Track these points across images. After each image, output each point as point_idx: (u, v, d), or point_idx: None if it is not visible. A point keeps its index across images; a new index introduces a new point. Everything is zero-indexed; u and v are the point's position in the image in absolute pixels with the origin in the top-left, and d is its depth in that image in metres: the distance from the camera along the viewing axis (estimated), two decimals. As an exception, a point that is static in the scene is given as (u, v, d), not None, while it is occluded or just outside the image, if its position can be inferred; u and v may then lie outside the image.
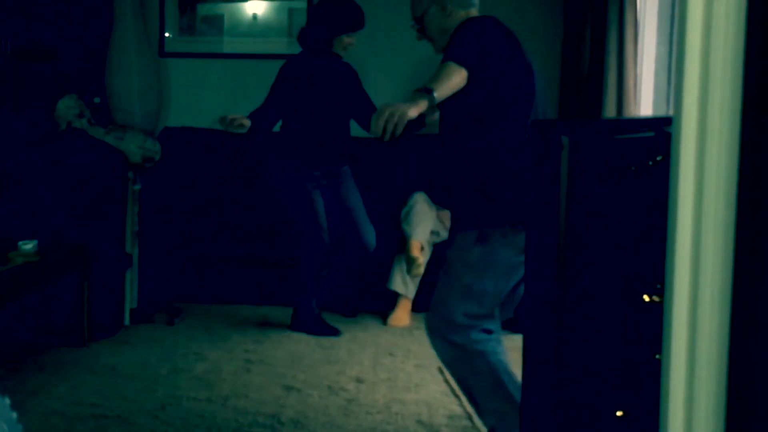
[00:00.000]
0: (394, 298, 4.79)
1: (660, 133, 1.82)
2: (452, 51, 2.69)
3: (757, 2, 1.35)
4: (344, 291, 4.96)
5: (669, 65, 4.18)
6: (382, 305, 4.83)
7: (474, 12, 3.01)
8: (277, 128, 4.55)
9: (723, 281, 1.42)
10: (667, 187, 1.46)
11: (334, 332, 4.52)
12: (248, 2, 5.61)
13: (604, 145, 1.97)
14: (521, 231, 2.57)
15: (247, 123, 4.14)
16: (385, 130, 2.43)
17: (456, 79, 2.63)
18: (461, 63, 2.65)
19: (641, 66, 4.28)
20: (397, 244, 4.80)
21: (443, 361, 2.83)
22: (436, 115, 3.18)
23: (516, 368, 2.49)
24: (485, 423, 2.85)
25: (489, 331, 2.74)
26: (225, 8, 5.65)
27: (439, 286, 2.78)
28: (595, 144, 1.97)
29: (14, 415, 1.83)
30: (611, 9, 4.15)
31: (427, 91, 2.54)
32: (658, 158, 1.74)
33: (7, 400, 1.82)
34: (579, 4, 4.60)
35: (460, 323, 2.70)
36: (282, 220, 4.96)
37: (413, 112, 2.49)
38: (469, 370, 2.75)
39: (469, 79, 2.67)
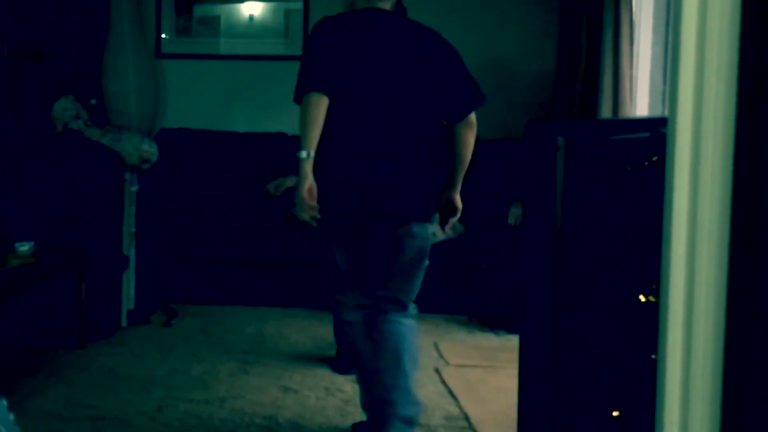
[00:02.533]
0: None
1: (655, 133, 1.83)
2: (297, 84, 2.85)
3: (752, 2, 1.35)
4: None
5: (664, 65, 4.19)
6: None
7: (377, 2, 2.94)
8: None
9: (718, 281, 1.42)
10: (663, 187, 1.47)
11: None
12: (244, 3, 5.61)
13: (599, 146, 1.98)
14: None
15: None
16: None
17: (311, 116, 2.76)
18: (309, 92, 2.78)
19: (637, 66, 4.28)
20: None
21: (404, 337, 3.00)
22: None
23: (513, 368, 2.49)
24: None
25: None
26: (221, 9, 5.65)
27: (414, 272, 2.96)
28: (591, 144, 1.98)
29: (11, 416, 1.83)
30: (607, 9, 4.16)
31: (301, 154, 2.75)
32: (654, 159, 1.75)
33: (5, 402, 1.82)
34: (575, 4, 4.61)
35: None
36: (277, 220, 4.96)
37: (303, 192, 2.73)
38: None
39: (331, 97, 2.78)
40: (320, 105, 2.76)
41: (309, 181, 2.75)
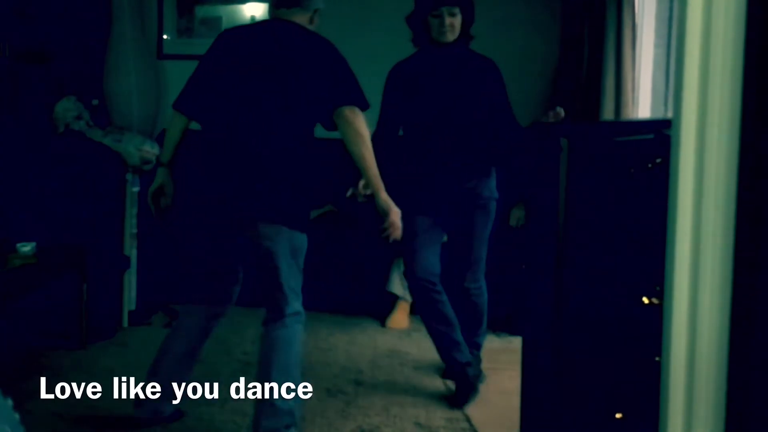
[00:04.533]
0: (392, 301, 4.79)
1: (659, 135, 1.82)
2: None
3: (757, 5, 1.35)
4: (342, 292, 4.97)
5: (667, 68, 4.18)
6: (381, 307, 4.83)
7: (273, 13, 3.14)
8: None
9: (722, 283, 1.42)
10: (667, 189, 1.46)
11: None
12: (246, 4, 5.61)
13: (603, 148, 1.98)
14: None
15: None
16: None
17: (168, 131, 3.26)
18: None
19: (639, 68, 4.28)
20: (396, 247, 4.80)
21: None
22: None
23: (515, 369, 2.49)
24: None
25: None
26: (223, 10, 5.65)
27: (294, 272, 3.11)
28: (594, 146, 1.98)
29: (17, 416, 1.83)
30: (609, 12, 4.16)
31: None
32: (658, 161, 1.75)
33: (10, 402, 1.82)
34: (577, 6, 4.61)
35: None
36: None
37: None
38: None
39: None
40: (175, 123, 3.21)
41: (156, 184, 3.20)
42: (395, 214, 3.01)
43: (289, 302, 3.07)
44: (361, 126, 2.94)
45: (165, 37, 5.61)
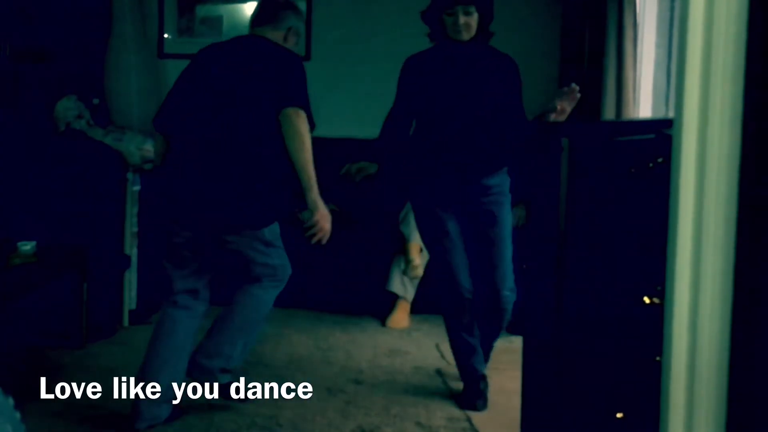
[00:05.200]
0: (393, 300, 4.79)
1: (660, 135, 1.82)
2: None
3: (758, 4, 1.35)
4: (343, 292, 4.97)
5: (668, 67, 4.18)
6: (381, 307, 4.83)
7: (250, 31, 3.41)
8: None
9: (723, 283, 1.42)
10: (668, 189, 1.46)
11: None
12: (247, 3, 5.61)
13: (604, 148, 1.98)
14: None
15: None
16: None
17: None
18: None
19: (640, 68, 4.28)
20: (396, 246, 4.80)
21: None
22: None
23: (515, 369, 2.49)
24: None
25: None
26: (224, 9, 5.65)
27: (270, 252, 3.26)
28: (595, 146, 1.97)
29: (17, 415, 1.83)
30: (610, 11, 4.15)
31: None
32: (659, 160, 1.74)
33: (11, 401, 1.82)
34: (578, 6, 4.60)
35: None
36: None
37: None
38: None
39: None
40: (157, 137, 3.45)
41: None
42: (321, 216, 3.13)
43: (269, 274, 3.28)
44: (301, 126, 3.07)
45: (166, 36, 5.60)
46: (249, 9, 5.60)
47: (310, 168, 3.08)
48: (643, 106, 4.29)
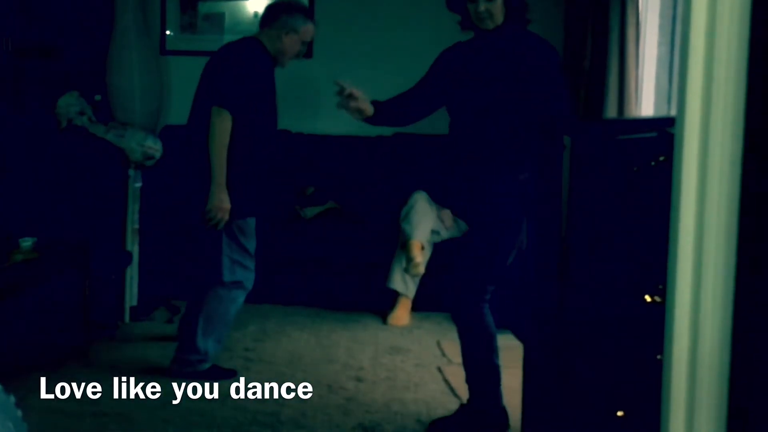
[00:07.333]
0: (394, 297, 4.79)
1: (662, 133, 1.82)
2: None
3: (761, 3, 1.35)
4: (344, 289, 4.97)
5: (670, 66, 4.18)
6: (382, 304, 4.83)
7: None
8: None
9: (725, 282, 1.42)
10: (670, 187, 1.46)
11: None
12: (249, 0, 5.61)
13: (606, 146, 1.97)
14: None
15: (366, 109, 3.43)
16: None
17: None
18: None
19: (643, 66, 4.28)
20: (398, 243, 4.80)
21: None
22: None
23: (516, 367, 2.49)
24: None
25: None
26: (226, 6, 5.65)
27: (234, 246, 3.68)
28: (598, 144, 1.97)
29: (19, 413, 1.83)
30: (613, 10, 4.15)
31: None
32: (661, 159, 1.74)
33: (12, 398, 1.82)
34: (581, 4, 4.60)
35: None
36: (280, 218, 4.95)
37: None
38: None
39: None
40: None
41: None
42: (213, 207, 3.50)
43: (229, 271, 3.66)
44: (216, 123, 3.49)
45: (168, 32, 5.61)
46: (251, 6, 5.60)
47: (221, 161, 3.50)
48: (646, 104, 4.29)
